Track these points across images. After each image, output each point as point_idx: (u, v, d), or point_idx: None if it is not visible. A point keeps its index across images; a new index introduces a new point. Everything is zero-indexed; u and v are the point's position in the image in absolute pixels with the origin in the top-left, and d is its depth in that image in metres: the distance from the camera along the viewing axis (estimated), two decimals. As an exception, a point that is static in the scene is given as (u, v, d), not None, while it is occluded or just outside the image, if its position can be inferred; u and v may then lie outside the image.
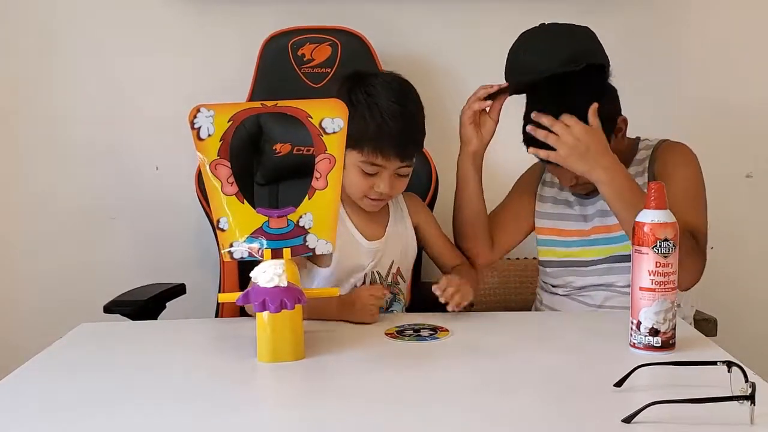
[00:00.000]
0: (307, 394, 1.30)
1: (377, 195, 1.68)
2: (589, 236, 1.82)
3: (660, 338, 1.37)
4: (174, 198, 2.38)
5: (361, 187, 1.68)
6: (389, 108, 1.64)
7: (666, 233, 1.35)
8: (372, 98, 1.65)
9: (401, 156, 1.66)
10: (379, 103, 1.64)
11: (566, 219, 1.86)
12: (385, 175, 1.67)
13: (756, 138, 2.44)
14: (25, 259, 2.45)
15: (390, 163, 1.66)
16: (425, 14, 2.37)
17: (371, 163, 1.65)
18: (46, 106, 2.39)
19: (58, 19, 2.36)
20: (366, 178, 1.67)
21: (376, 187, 1.67)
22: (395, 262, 1.78)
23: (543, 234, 1.89)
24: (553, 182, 1.90)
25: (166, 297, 2.03)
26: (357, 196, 1.70)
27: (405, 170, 1.70)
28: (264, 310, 1.33)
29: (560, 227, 1.86)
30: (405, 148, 1.66)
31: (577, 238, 1.83)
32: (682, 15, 2.40)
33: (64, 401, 1.23)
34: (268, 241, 1.43)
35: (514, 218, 1.92)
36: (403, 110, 1.66)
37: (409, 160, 1.69)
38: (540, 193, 1.92)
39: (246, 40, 2.29)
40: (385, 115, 1.63)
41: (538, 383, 1.30)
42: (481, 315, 1.67)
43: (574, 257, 1.83)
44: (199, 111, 1.41)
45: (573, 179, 1.75)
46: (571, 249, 1.84)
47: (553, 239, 1.87)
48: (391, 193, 1.70)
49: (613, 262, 1.78)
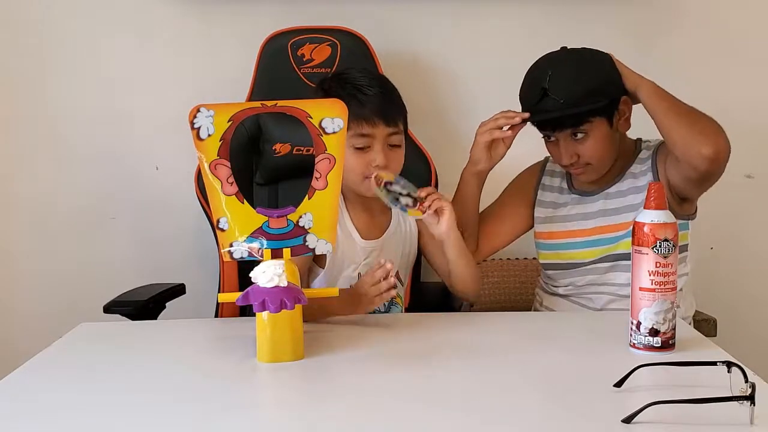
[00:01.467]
0: (307, 394, 1.30)
1: (377, 171, 1.66)
2: (591, 236, 1.82)
3: (660, 338, 1.36)
4: (174, 198, 2.38)
5: (358, 166, 1.66)
6: (365, 82, 1.68)
7: (666, 233, 1.35)
8: (343, 79, 1.70)
9: (385, 119, 1.66)
10: (350, 79, 1.69)
11: (568, 221, 1.85)
12: (377, 146, 1.66)
13: (756, 138, 2.43)
14: (25, 259, 2.45)
15: (377, 130, 1.65)
16: (425, 14, 2.37)
17: (359, 134, 1.65)
18: (46, 106, 2.39)
19: (58, 19, 2.36)
20: (360, 156, 1.66)
21: (372, 162, 1.66)
22: (394, 264, 1.77)
23: (543, 238, 1.89)
24: (553, 186, 1.90)
25: (166, 297, 2.03)
26: (357, 180, 1.68)
27: (396, 138, 1.69)
28: (264, 310, 1.33)
29: (560, 229, 1.86)
30: (387, 112, 1.67)
31: (579, 239, 1.83)
32: (681, 14, 2.40)
33: (64, 401, 1.23)
34: (268, 241, 1.43)
35: (501, 223, 1.92)
36: (378, 82, 1.70)
37: (396, 126, 1.68)
38: (539, 198, 1.91)
39: (246, 40, 2.29)
40: (359, 85, 1.67)
41: (538, 383, 1.30)
42: (481, 315, 1.67)
43: (576, 259, 1.83)
44: (199, 111, 1.41)
45: (574, 156, 1.75)
46: (573, 251, 1.83)
47: (554, 242, 1.86)
48: (390, 166, 1.67)
49: (614, 260, 1.79)
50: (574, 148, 1.75)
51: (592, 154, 1.75)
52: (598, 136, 1.74)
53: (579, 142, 1.74)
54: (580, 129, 1.73)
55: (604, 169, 1.80)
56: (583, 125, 1.72)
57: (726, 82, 2.41)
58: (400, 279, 1.80)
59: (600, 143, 1.75)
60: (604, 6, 2.33)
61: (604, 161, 1.78)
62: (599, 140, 1.74)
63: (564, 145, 1.76)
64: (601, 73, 1.74)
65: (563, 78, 1.71)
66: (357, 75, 1.71)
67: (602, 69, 1.74)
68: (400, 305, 1.80)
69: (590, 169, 1.79)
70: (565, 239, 1.85)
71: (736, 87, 2.42)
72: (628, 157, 1.82)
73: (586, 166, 1.77)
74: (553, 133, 1.76)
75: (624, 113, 1.77)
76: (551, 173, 1.92)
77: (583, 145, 1.74)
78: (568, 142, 1.75)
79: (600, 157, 1.77)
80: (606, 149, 1.77)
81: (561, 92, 1.70)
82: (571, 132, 1.73)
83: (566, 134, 1.74)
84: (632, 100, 1.76)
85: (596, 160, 1.77)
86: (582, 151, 1.75)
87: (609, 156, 1.79)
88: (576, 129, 1.73)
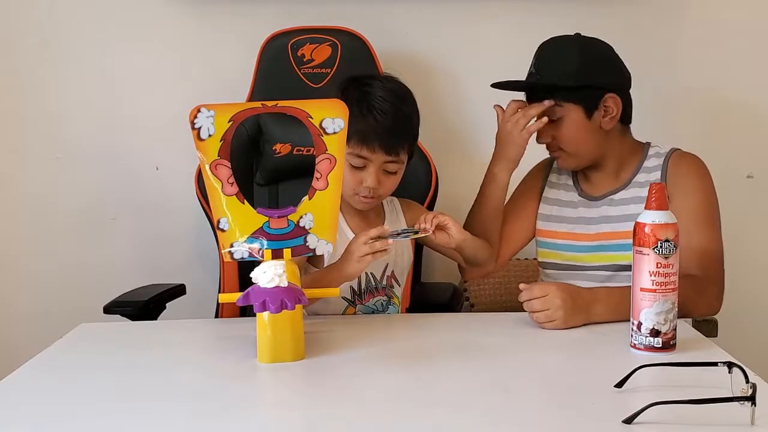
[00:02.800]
0: (307, 394, 1.30)
1: (366, 191, 1.67)
2: (593, 241, 1.79)
3: (661, 339, 1.36)
4: (174, 198, 2.38)
5: (351, 182, 1.67)
6: (380, 105, 1.65)
7: (667, 234, 1.35)
8: (365, 95, 1.66)
9: (386, 148, 1.64)
10: (370, 100, 1.65)
11: (570, 222, 1.83)
12: (372, 169, 1.66)
13: (756, 138, 2.44)
14: (25, 260, 2.45)
15: (375, 156, 1.65)
16: (425, 14, 2.37)
17: (357, 155, 1.64)
18: (46, 107, 2.39)
19: (58, 19, 2.36)
20: (354, 173, 1.66)
21: (364, 182, 1.66)
22: (389, 265, 1.77)
23: (544, 236, 1.87)
24: (559, 183, 1.88)
25: (166, 297, 2.03)
26: (348, 193, 1.68)
27: (393, 166, 1.68)
28: (264, 311, 1.33)
29: (563, 230, 1.84)
30: (390, 141, 1.65)
31: (581, 243, 1.81)
32: (680, 13, 2.39)
33: (64, 401, 1.23)
34: (268, 242, 1.43)
35: (516, 225, 1.89)
36: (394, 108, 1.66)
37: (396, 156, 1.67)
38: (545, 195, 1.89)
39: (246, 40, 2.29)
40: (375, 111, 1.64)
41: (538, 383, 1.30)
42: (481, 315, 1.67)
43: (576, 261, 1.81)
44: (200, 111, 1.41)
45: (549, 136, 1.76)
46: (572, 253, 1.81)
47: (555, 242, 1.85)
48: (379, 190, 1.68)
49: (615, 271, 1.75)
50: (549, 130, 1.75)
51: (566, 140, 1.75)
52: (571, 123, 1.73)
53: (554, 125, 1.74)
54: (554, 108, 1.72)
55: (581, 159, 1.78)
56: (557, 105, 1.72)
57: (726, 81, 2.41)
58: (397, 280, 1.80)
59: (573, 131, 1.74)
60: (605, 6, 2.33)
61: (579, 150, 1.77)
62: (572, 128, 1.73)
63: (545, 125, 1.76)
64: (587, 59, 1.73)
65: (548, 54, 1.75)
66: (377, 92, 1.66)
67: (591, 56, 1.74)
68: (397, 305, 1.80)
69: (565, 155, 1.78)
70: (566, 240, 1.83)
71: (736, 87, 2.41)
72: (634, 162, 1.79)
73: (560, 150, 1.77)
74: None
75: (610, 111, 1.74)
76: (558, 171, 1.90)
77: (557, 129, 1.74)
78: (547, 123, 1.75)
79: (573, 144, 1.75)
80: (582, 139, 1.75)
81: (543, 65, 1.74)
82: (547, 111, 1.73)
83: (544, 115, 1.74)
84: None
85: (569, 146, 1.76)
86: (557, 134, 1.75)
87: (586, 148, 1.76)
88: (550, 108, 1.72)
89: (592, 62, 1.74)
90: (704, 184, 1.74)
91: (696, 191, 1.71)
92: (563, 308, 1.53)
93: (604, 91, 1.73)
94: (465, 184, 2.39)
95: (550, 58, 1.75)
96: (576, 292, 1.57)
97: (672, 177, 1.74)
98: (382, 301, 1.76)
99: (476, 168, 2.42)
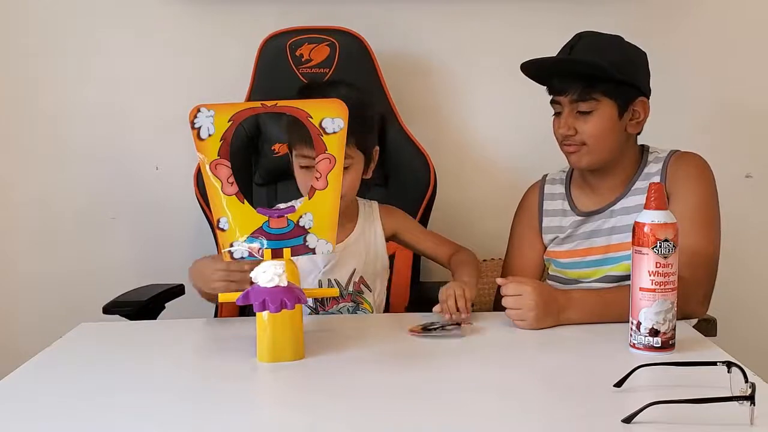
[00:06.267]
0: (307, 394, 1.30)
1: None
2: (597, 255, 1.76)
3: (660, 338, 1.37)
4: (174, 198, 2.38)
5: (303, 183, 1.66)
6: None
7: (666, 234, 1.35)
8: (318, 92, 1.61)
9: None
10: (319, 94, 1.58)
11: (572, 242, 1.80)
12: None
13: (756, 138, 2.44)
14: (25, 260, 2.45)
15: None
16: (424, 14, 2.37)
17: (302, 155, 1.64)
18: (46, 106, 2.39)
19: (58, 19, 2.36)
20: (305, 173, 1.65)
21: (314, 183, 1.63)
22: (357, 270, 1.75)
23: (550, 256, 1.85)
24: (555, 210, 1.85)
25: (165, 297, 2.03)
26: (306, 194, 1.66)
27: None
28: (264, 310, 1.33)
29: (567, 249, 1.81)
30: None
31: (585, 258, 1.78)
32: (680, 12, 2.40)
33: (64, 401, 1.23)
34: (268, 241, 1.43)
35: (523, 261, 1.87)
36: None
37: None
38: (545, 225, 1.85)
39: (245, 40, 2.29)
40: None
41: (538, 383, 1.30)
42: (481, 315, 1.67)
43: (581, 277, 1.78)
44: (200, 111, 1.41)
45: (572, 129, 1.71)
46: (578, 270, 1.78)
47: (560, 261, 1.82)
48: None
49: (616, 281, 1.71)
50: (574, 122, 1.70)
51: (592, 134, 1.70)
52: (603, 118, 1.69)
53: (582, 118, 1.70)
54: (588, 99, 1.68)
55: (598, 157, 1.73)
56: (591, 96, 1.68)
57: (726, 81, 2.41)
58: (368, 285, 1.77)
59: (602, 126, 1.69)
60: (605, 5, 2.33)
61: (601, 148, 1.72)
62: (602, 122, 1.69)
63: (567, 115, 1.71)
64: (630, 56, 1.71)
65: (589, 43, 1.71)
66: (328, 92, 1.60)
67: (633, 55, 1.72)
68: (369, 311, 1.77)
69: (584, 151, 1.72)
70: (570, 258, 1.80)
71: (736, 87, 2.41)
72: (633, 169, 1.77)
73: (582, 146, 1.72)
74: (561, 96, 1.70)
75: (638, 115, 1.73)
76: (551, 197, 1.86)
77: (586, 122, 1.69)
78: (572, 114, 1.70)
79: (598, 141, 1.71)
80: (607, 136, 1.71)
81: (582, 53, 1.69)
82: (578, 100, 1.68)
83: (572, 104, 1.70)
84: None
85: (593, 142, 1.71)
86: (582, 127, 1.70)
87: (608, 146, 1.72)
88: (584, 98, 1.68)
89: (635, 61, 1.73)
90: (703, 184, 1.72)
91: (694, 193, 1.69)
92: (534, 310, 1.54)
93: (640, 94, 1.72)
94: (464, 184, 2.40)
95: (594, 48, 1.70)
96: (549, 295, 1.57)
97: (671, 179, 1.72)
98: (348, 307, 1.75)
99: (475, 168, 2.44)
